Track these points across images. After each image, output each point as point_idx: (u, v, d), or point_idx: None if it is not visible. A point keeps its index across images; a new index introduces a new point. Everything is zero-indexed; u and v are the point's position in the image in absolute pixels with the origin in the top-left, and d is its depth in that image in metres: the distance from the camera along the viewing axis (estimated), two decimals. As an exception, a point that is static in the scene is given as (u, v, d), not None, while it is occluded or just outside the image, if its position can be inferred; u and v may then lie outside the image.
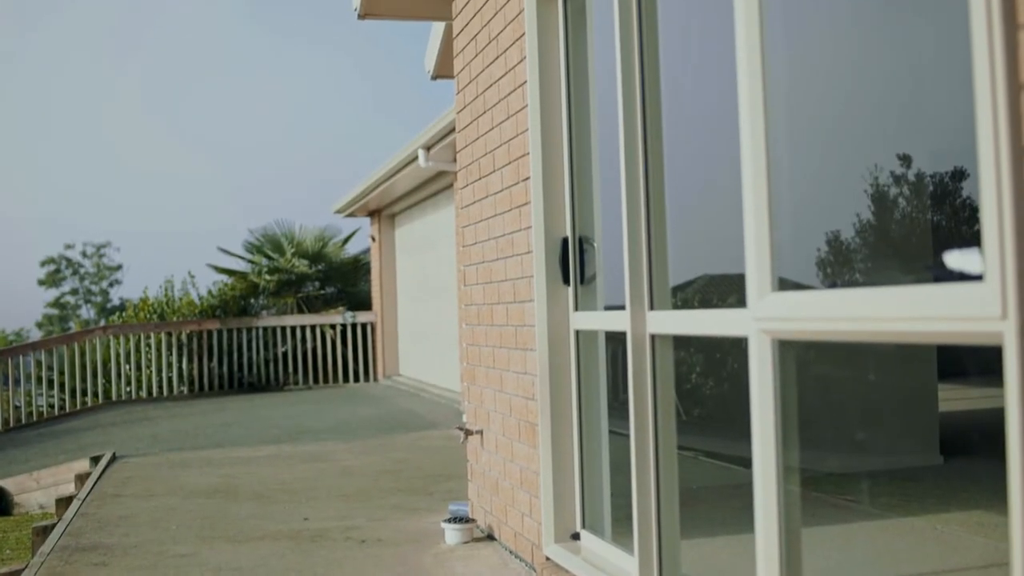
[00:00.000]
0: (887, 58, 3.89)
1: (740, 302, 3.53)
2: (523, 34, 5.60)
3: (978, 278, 2.21)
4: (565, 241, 5.37)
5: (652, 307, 4.24)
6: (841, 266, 4.11)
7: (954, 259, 2.71)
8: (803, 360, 3.30)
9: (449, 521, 6.61)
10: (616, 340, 4.94)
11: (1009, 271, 2.11)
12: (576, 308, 5.32)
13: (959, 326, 2.31)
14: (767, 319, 3.13)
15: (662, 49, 4.31)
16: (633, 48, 4.36)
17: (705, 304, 4.35)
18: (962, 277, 2.34)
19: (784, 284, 3.18)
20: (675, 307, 4.32)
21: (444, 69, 9.73)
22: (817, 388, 3.58)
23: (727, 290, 4.27)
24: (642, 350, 4.28)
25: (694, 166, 4.43)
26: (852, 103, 3.83)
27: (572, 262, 5.33)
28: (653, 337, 4.23)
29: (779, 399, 3.12)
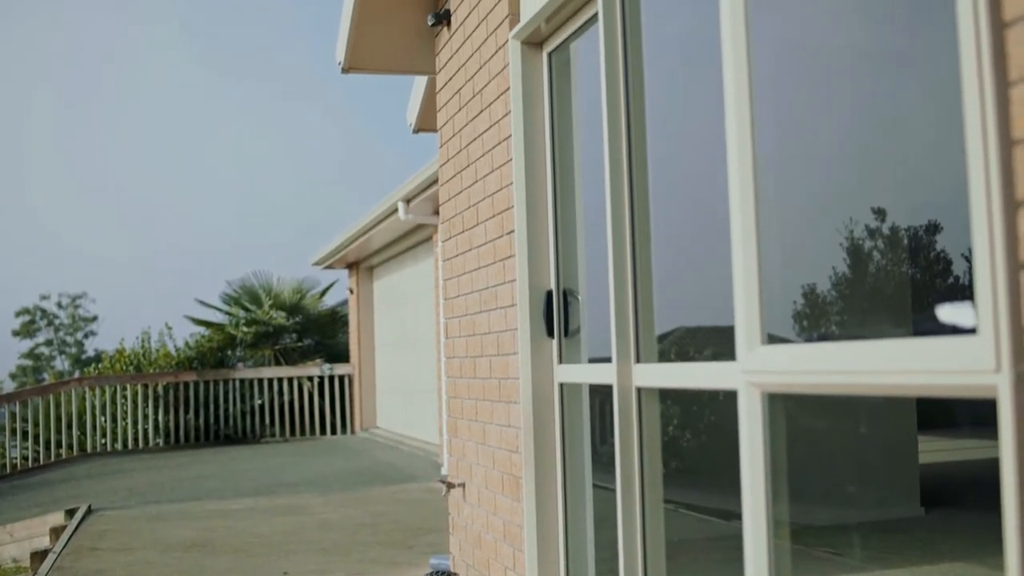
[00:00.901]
0: (863, 115, 3.95)
1: (717, 354, 3.56)
2: (508, 88, 5.65)
3: (971, 331, 2.24)
4: (549, 294, 5.40)
5: (639, 360, 4.26)
6: (818, 318, 4.14)
7: (945, 312, 2.74)
8: (787, 412, 3.32)
9: (431, 575, 6.59)
10: (600, 392, 4.95)
11: (1003, 324, 2.14)
12: (560, 361, 5.34)
13: (953, 379, 2.33)
14: (757, 372, 3.15)
15: (648, 102, 4.35)
16: (619, 101, 4.41)
17: (682, 356, 4.38)
18: (954, 330, 2.36)
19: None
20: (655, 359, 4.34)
21: (426, 122, 9.78)
22: (799, 440, 3.60)
23: (704, 342, 4.30)
24: (628, 403, 4.29)
25: (675, 219, 4.47)
26: (830, 158, 3.88)
27: (556, 315, 5.35)
28: (639, 390, 4.25)
29: (769, 452, 3.14)
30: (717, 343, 3.80)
